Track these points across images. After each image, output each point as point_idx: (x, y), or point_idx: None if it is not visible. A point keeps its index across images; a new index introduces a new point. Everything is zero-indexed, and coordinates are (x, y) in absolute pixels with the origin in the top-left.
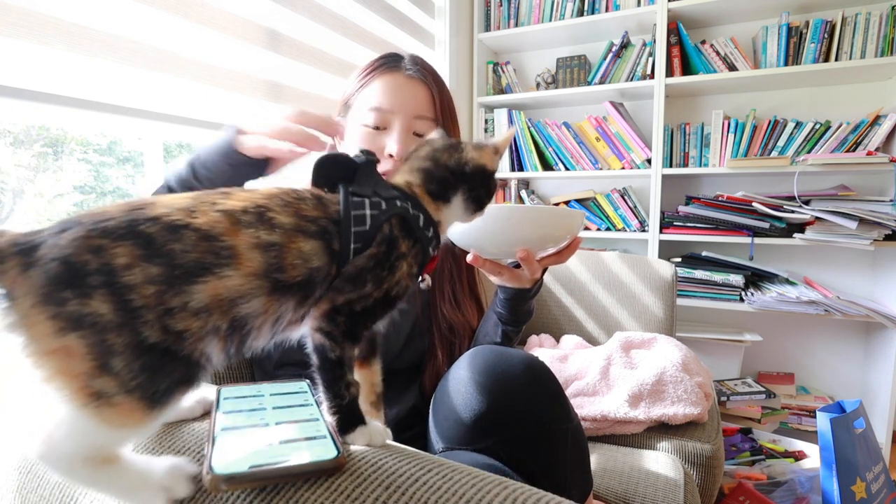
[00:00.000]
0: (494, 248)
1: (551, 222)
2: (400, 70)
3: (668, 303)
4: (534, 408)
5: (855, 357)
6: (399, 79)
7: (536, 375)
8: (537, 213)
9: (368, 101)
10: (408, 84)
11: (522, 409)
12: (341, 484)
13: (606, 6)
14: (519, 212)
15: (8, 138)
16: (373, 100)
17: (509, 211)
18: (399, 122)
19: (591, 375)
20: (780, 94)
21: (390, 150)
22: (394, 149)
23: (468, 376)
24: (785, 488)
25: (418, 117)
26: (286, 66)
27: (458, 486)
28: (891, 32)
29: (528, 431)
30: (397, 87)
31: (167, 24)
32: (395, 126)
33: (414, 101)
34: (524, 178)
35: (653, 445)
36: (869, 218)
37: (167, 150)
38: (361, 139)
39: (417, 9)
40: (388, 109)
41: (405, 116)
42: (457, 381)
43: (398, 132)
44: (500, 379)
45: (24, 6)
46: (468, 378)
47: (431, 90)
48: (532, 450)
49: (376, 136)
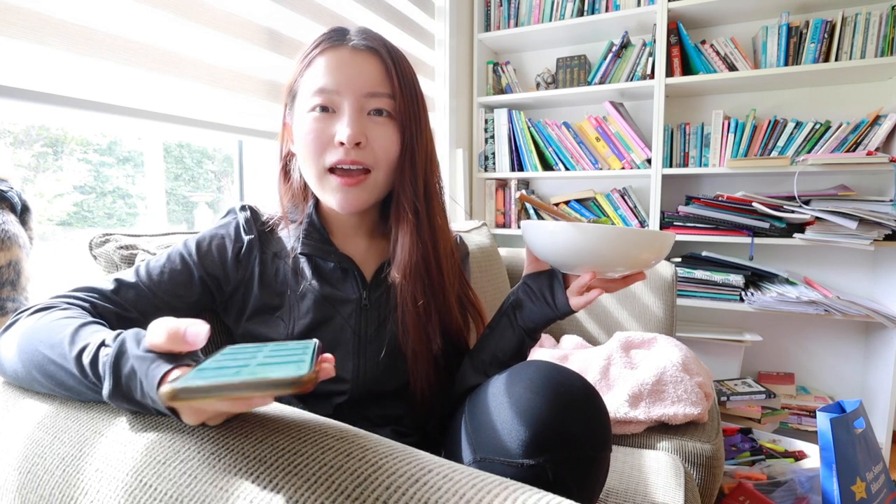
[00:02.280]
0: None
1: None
2: (345, 44)
3: (668, 303)
4: (590, 432)
5: (855, 357)
6: (344, 53)
7: (594, 400)
8: (646, 237)
9: (312, 84)
10: (354, 58)
11: (580, 432)
12: (342, 483)
13: (606, 6)
14: (613, 233)
15: (8, 138)
16: (317, 81)
17: (606, 231)
18: (348, 103)
19: (591, 376)
20: (780, 94)
21: (340, 137)
22: (344, 134)
23: (525, 389)
24: (785, 488)
25: (371, 94)
26: (286, 66)
27: (458, 486)
28: (891, 32)
29: (580, 455)
30: (343, 62)
31: (167, 24)
32: (345, 108)
33: (363, 77)
34: (524, 178)
35: (653, 445)
36: (869, 218)
37: (167, 150)
38: (309, 128)
39: (417, 9)
40: (333, 90)
41: (354, 95)
42: (508, 394)
43: (348, 114)
44: (562, 397)
45: (24, 6)
46: (526, 391)
47: (384, 62)
48: (578, 472)
49: (324, 123)
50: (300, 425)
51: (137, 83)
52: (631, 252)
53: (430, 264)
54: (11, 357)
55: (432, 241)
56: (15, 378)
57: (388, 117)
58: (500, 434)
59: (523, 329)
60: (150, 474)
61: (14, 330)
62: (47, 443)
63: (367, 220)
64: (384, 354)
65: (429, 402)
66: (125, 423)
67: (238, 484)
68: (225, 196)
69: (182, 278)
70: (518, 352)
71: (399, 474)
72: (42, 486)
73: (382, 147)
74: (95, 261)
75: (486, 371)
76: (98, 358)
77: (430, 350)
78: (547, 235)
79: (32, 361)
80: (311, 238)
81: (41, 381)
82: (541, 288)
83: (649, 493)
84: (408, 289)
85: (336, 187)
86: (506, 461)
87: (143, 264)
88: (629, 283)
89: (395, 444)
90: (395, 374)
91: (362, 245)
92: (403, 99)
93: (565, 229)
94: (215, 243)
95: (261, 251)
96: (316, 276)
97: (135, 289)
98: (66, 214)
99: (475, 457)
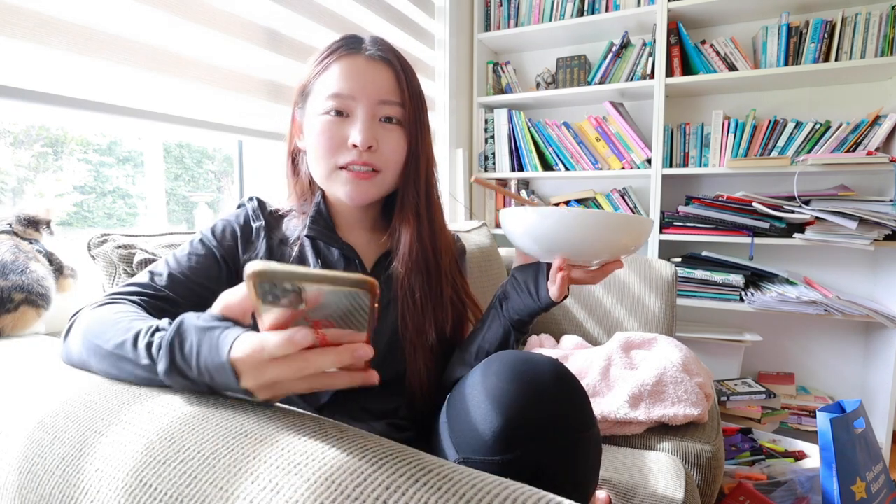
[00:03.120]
0: (574, 253)
1: (622, 228)
2: (360, 52)
3: (668, 303)
4: (565, 416)
5: (855, 357)
6: (359, 62)
7: (565, 382)
8: (612, 219)
9: (327, 88)
10: (369, 67)
11: (553, 417)
12: (342, 483)
13: (606, 6)
14: (593, 217)
15: (8, 138)
16: (332, 86)
17: (585, 216)
18: (362, 109)
19: (591, 376)
20: (780, 94)
21: (353, 140)
22: (357, 138)
23: (494, 384)
24: (785, 488)
25: (383, 102)
26: (286, 66)
27: (458, 486)
28: (891, 32)
29: (559, 440)
30: (358, 70)
31: (167, 24)
32: (358, 113)
33: (377, 85)
34: (524, 178)
35: (653, 446)
36: (869, 218)
37: (167, 150)
38: (322, 129)
39: (417, 9)
40: (348, 95)
41: (368, 102)
42: (480, 389)
43: (361, 120)
44: (530, 387)
45: (24, 6)
46: (494, 386)
47: (396, 72)
48: (561, 457)
49: (338, 125)
50: (300, 425)
51: (137, 83)
52: (603, 236)
53: (429, 260)
54: (79, 349)
55: (431, 239)
56: (83, 368)
57: (397, 124)
58: (477, 431)
59: (509, 321)
60: (150, 474)
61: (77, 326)
62: (47, 443)
63: (370, 214)
64: (384, 344)
65: (426, 394)
66: (125, 424)
67: (238, 484)
68: (225, 196)
69: (208, 261)
70: (503, 343)
71: (399, 474)
72: (42, 486)
73: (391, 151)
74: (94, 261)
75: (471, 363)
76: (153, 342)
77: (427, 342)
78: (515, 222)
79: (92, 350)
80: (318, 224)
81: (102, 368)
82: (526, 280)
83: (649, 493)
84: (408, 282)
85: (347, 180)
86: (487, 460)
87: (170, 255)
88: (607, 272)
89: (395, 444)
90: (392, 364)
91: (364, 237)
92: (412, 107)
93: (528, 215)
94: (228, 228)
95: (268, 237)
96: (320, 264)
97: (169, 276)
98: (66, 214)
99: (459, 457)
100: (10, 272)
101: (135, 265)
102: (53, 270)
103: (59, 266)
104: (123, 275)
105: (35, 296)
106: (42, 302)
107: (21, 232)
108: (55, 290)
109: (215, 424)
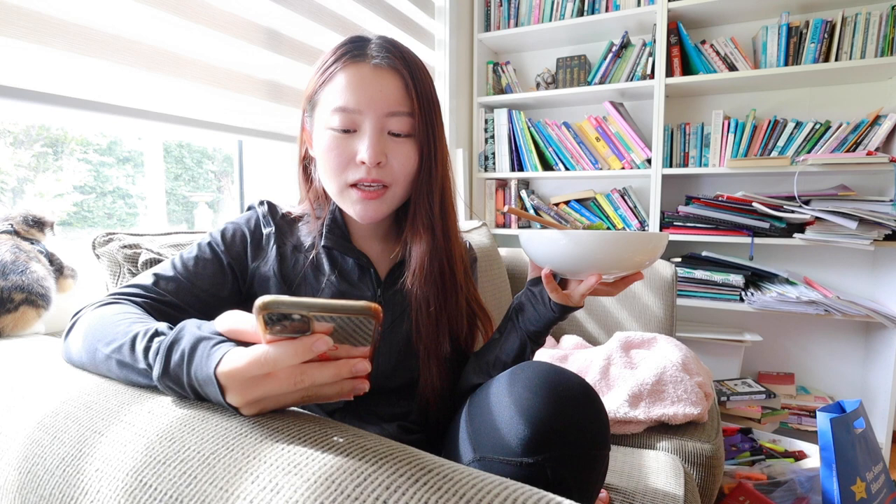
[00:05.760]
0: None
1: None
2: (366, 60)
3: (668, 303)
4: (588, 430)
5: (855, 357)
6: (365, 71)
7: (594, 400)
8: (639, 240)
9: (333, 101)
10: (376, 76)
11: (579, 429)
12: (342, 483)
13: (606, 6)
14: (623, 238)
15: (8, 138)
16: (338, 99)
17: (599, 237)
18: (369, 124)
19: (591, 375)
20: (780, 94)
21: (361, 157)
22: (365, 155)
23: (521, 393)
24: (785, 488)
25: (391, 114)
26: (286, 66)
27: (458, 486)
28: (891, 32)
29: (579, 453)
30: (363, 81)
31: (167, 24)
32: (366, 128)
33: (384, 96)
34: (524, 178)
35: (653, 445)
36: (869, 218)
37: (167, 150)
38: (329, 146)
39: (417, 9)
40: (354, 109)
41: (376, 116)
42: (509, 394)
43: (369, 135)
44: (561, 398)
45: (24, 6)
46: (525, 391)
47: (405, 79)
48: (577, 471)
49: (346, 141)
50: (300, 425)
51: (137, 83)
52: (623, 255)
53: (444, 272)
54: (78, 349)
55: (446, 250)
56: (82, 368)
57: (406, 136)
58: (500, 433)
59: (525, 332)
60: (150, 474)
61: (78, 325)
62: (47, 443)
63: (383, 223)
64: (396, 352)
65: (438, 400)
66: (125, 424)
67: (238, 484)
68: (225, 196)
69: (214, 267)
70: (520, 354)
71: (399, 474)
72: (42, 486)
73: (401, 164)
74: (98, 260)
75: (488, 372)
76: (150, 346)
77: (441, 352)
78: (541, 245)
79: (92, 350)
80: (334, 234)
81: (101, 370)
82: (541, 291)
83: (649, 493)
84: (422, 294)
85: (356, 200)
86: (505, 460)
87: (177, 257)
88: (628, 284)
89: (395, 444)
90: (404, 371)
91: (377, 247)
92: (423, 115)
93: (556, 238)
94: (238, 233)
95: (280, 243)
96: (335, 272)
97: (174, 281)
98: (66, 214)
99: (475, 455)
100: (11, 272)
101: (140, 265)
102: (54, 271)
103: (59, 266)
104: (128, 275)
105: (35, 296)
106: (42, 302)
107: (24, 232)
108: (55, 290)
109: (215, 424)
